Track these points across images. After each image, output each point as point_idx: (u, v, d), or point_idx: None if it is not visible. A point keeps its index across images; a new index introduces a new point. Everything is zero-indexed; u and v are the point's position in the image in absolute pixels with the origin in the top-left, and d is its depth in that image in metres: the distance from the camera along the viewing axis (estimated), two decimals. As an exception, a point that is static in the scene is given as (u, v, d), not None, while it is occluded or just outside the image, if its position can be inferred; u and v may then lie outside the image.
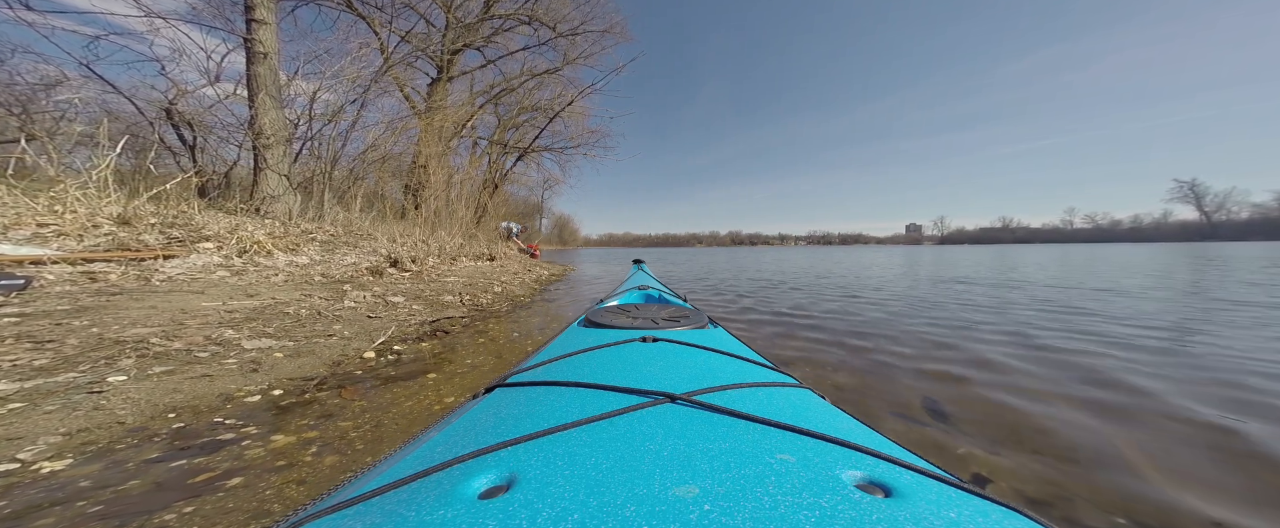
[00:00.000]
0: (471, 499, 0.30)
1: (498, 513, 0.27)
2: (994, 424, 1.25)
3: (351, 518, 0.29)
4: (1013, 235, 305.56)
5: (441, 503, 0.29)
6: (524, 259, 8.68)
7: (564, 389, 0.52)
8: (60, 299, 1.99)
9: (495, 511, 0.27)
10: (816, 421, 0.45)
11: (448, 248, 5.80)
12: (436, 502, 0.29)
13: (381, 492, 0.33)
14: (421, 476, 0.34)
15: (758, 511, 0.26)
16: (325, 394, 1.40)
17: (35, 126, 4.74)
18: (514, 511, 0.27)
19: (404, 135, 8.13)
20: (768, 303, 3.79)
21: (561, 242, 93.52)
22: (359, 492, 0.33)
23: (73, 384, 1.26)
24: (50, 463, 0.94)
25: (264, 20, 5.19)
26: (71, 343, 1.52)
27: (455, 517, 0.27)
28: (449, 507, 0.28)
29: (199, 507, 0.82)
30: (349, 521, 0.29)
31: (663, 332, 0.84)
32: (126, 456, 0.99)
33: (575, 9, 10.78)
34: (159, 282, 2.51)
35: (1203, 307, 3.26)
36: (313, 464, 0.99)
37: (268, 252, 3.50)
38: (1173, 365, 1.78)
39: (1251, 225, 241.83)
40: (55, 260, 2.42)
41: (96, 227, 2.96)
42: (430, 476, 0.34)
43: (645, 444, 0.36)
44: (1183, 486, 0.94)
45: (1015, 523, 0.30)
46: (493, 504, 0.28)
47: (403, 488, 0.33)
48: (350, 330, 2.15)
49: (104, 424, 1.11)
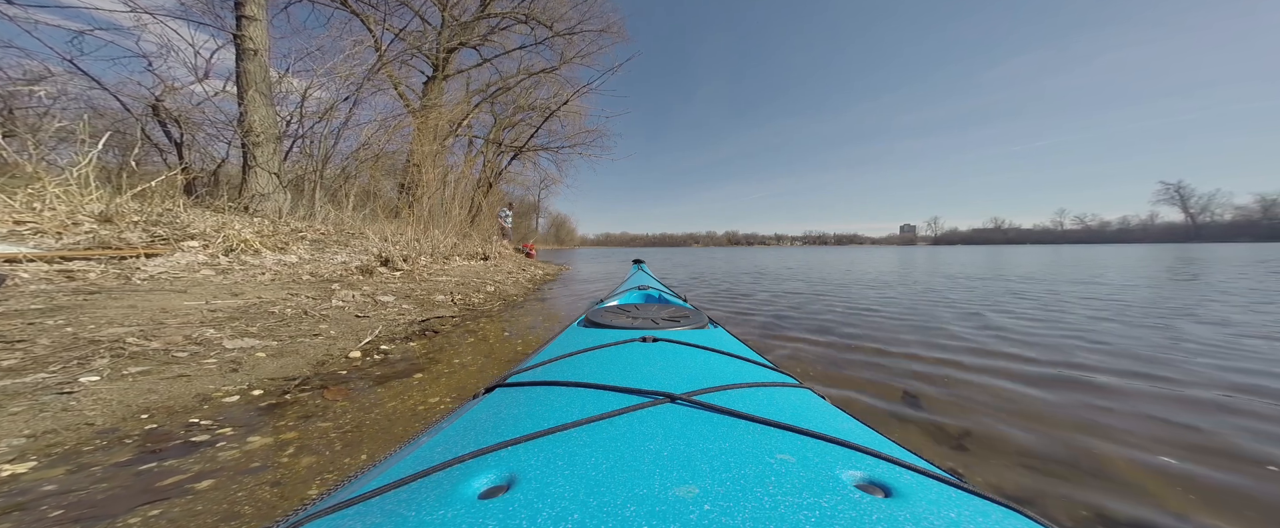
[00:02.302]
0: (471, 499, 0.30)
1: (498, 513, 0.27)
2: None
3: (351, 518, 0.29)
4: (1005, 236, 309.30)
5: (441, 503, 0.29)
6: (519, 259, 8.64)
7: (564, 389, 0.52)
8: (34, 298, 1.93)
9: (495, 511, 0.27)
10: (816, 421, 0.45)
11: (441, 247, 5.75)
12: (436, 502, 0.29)
13: (381, 492, 0.33)
14: (421, 476, 0.34)
15: (758, 511, 0.26)
16: (307, 395, 1.37)
17: (16, 123, 4.63)
18: (514, 511, 0.27)
19: (398, 134, 8.07)
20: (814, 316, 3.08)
21: (558, 241, 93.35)
22: (359, 492, 0.33)
23: (42, 385, 1.22)
24: (12, 466, 0.90)
25: (254, 16, 5.12)
26: (43, 343, 1.48)
27: (455, 517, 0.27)
28: (449, 507, 0.28)
29: (165, 510, 0.79)
30: (349, 521, 0.29)
31: (663, 332, 0.84)
32: (94, 458, 0.95)
33: (572, 8, 10.76)
34: (140, 280, 2.45)
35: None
36: (289, 466, 0.96)
37: (255, 250, 3.44)
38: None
39: (1235, 227, 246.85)
40: (31, 258, 2.36)
41: (77, 224, 2.89)
42: (430, 476, 0.34)
43: (645, 444, 0.36)
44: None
45: (1015, 523, 0.30)
46: (493, 504, 0.28)
47: (403, 488, 0.33)
48: (337, 330, 2.11)
49: (72, 426, 1.07)
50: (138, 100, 5.53)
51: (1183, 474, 0.96)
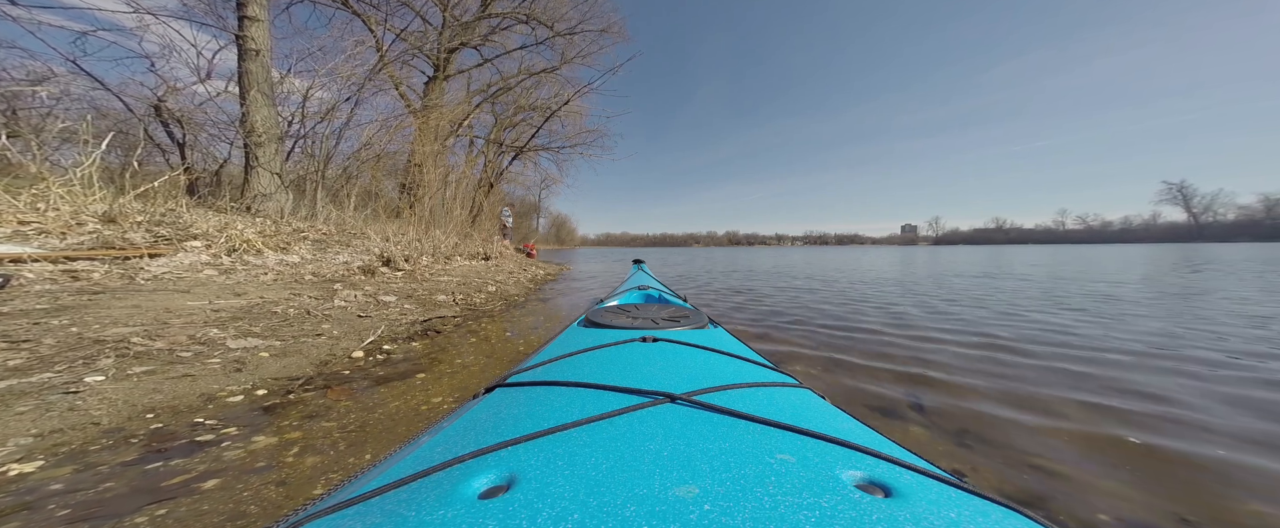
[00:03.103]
0: (471, 499, 0.30)
1: (498, 513, 0.27)
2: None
3: (351, 518, 0.29)
4: (1006, 236, 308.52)
5: (441, 503, 0.29)
6: (519, 259, 8.65)
7: (564, 389, 0.52)
8: (39, 298, 1.94)
9: (495, 511, 0.27)
10: (816, 421, 0.45)
11: (442, 247, 5.76)
12: (436, 502, 0.29)
13: (381, 492, 0.33)
14: (421, 476, 0.34)
15: (758, 511, 0.26)
16: (311, 394, 1.37)
17: (19, 123, 4.65)
18: (514, 511, 0.27)
19: (399, 134, 8.07)
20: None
21: (559, 241, 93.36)
22: (359, 492, 0.33)
23: (47, 385, 1.23)
24: (19, 466, 0.91)
25: (256, 17, 5.14)
26: (48, 342, 1.49)
27: (455, 517, 0.27)
28: (449, 507, 0.28)
29: (172, 509, 0.80)
30: (349, 521, 0.29)
31: (663, 332, 0.84)
32: (100, 457, 0.96)
33: (573, 8, 10.76)
34: (144, 280, 2.46)
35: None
36: (293, 465, 0.97)
37: (258, 250, 3.45)
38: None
39: (1237, 227, 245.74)
40: (35, 258, 2.37)
41: (80, 224, 2.90)
42: (430, 476, 0.34)
43: (645, 444, 0.36)
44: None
45: (1015, 523, 0.30)
46: (493, 504, 0.28)
47: (403, 488, 0.33)
48: (339, 330, 2.12)
49: (78, 425, 1.07)
50: (140, 101, 5.55)
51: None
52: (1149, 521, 0.82)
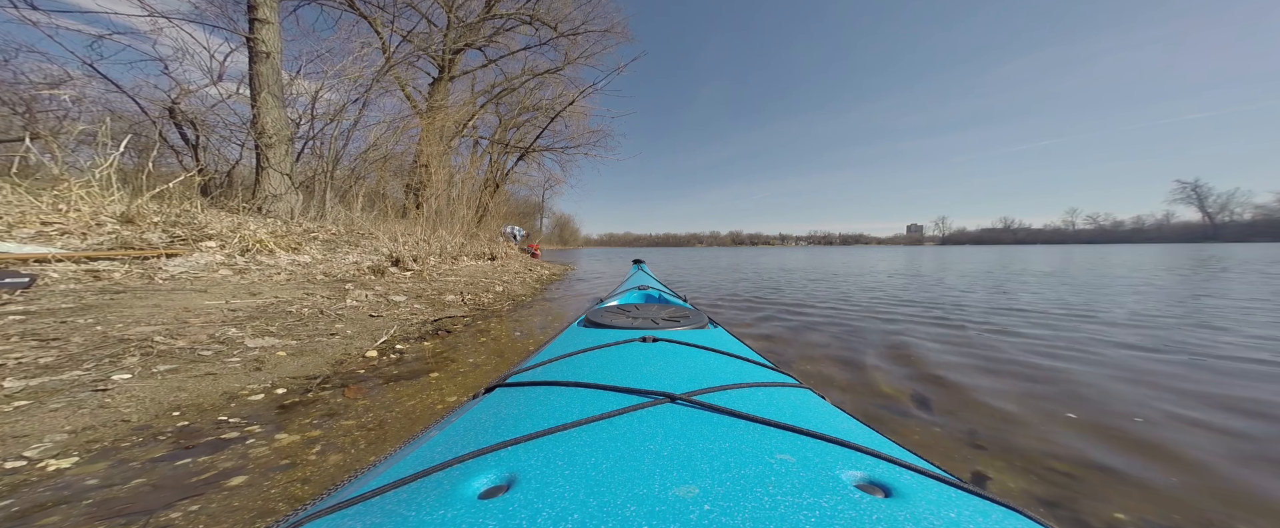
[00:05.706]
0: (471, 499, 0.29)
1: (498, 513, 0.27)
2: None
3: (351, 518, 0.29)
4: (1014, 236, 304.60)
5: (441, 503, 0.29)
6: (525, 259, 8.69)
7: (564, 389, 0.52)
8: (64, 297, 1.99)
9: (495, 511, 0.27)
10: (816, 421, 0.45)
11: (449, 247, 5.81)
12: (436, 502, 0.29)
13: (381, 492, 0.33)
14: (421, 476, 0.34)
15: (758, 511, 0.26)
16: (328, 393, 1.40)
17: (39, 126, 4.75)
18: (514, 511, 0.27)
19: (405, 135, 8.15)
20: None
21: (562, 241, 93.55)
22: (359, 492, 0.33)
23: (78, 382, 1.27)
24: (56, 461, 0.94)
25: (267, 20, 5.20)
26: (76, 341, 1.53)
27: (455, 517, 0.27)
28: (449, 507, 0.28)
29: (204, 505, 0.82)
30: (349, 521, 0.29)
31: (663, 332, 0.84)
32: (132, 454, 0.99)
33: (577, 9, 10.78)
34: (162, 280, 2.52)
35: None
36: (317, 463, 0.99)
37: (270, 250, 3.51)
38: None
39: (1255, 227, 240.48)
40: (59, 259, 2.43)
41: (100, 225, 2.97)
42: (430, 476, 0.34)
43: (645, 444, 0.36)
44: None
45: (1015, 523, 0.30)
46: (493, 504, 0.28)
47: (403, 488, 0.33)
48: (352, 329, 2.15)
49: (109, 422, 1.11)
50: (155, 103, 5.64)
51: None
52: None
